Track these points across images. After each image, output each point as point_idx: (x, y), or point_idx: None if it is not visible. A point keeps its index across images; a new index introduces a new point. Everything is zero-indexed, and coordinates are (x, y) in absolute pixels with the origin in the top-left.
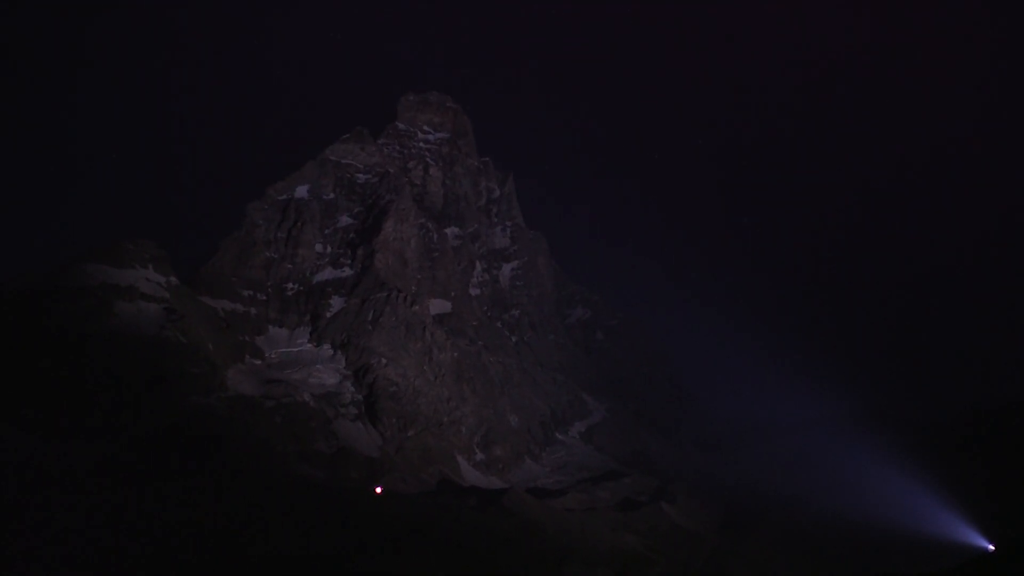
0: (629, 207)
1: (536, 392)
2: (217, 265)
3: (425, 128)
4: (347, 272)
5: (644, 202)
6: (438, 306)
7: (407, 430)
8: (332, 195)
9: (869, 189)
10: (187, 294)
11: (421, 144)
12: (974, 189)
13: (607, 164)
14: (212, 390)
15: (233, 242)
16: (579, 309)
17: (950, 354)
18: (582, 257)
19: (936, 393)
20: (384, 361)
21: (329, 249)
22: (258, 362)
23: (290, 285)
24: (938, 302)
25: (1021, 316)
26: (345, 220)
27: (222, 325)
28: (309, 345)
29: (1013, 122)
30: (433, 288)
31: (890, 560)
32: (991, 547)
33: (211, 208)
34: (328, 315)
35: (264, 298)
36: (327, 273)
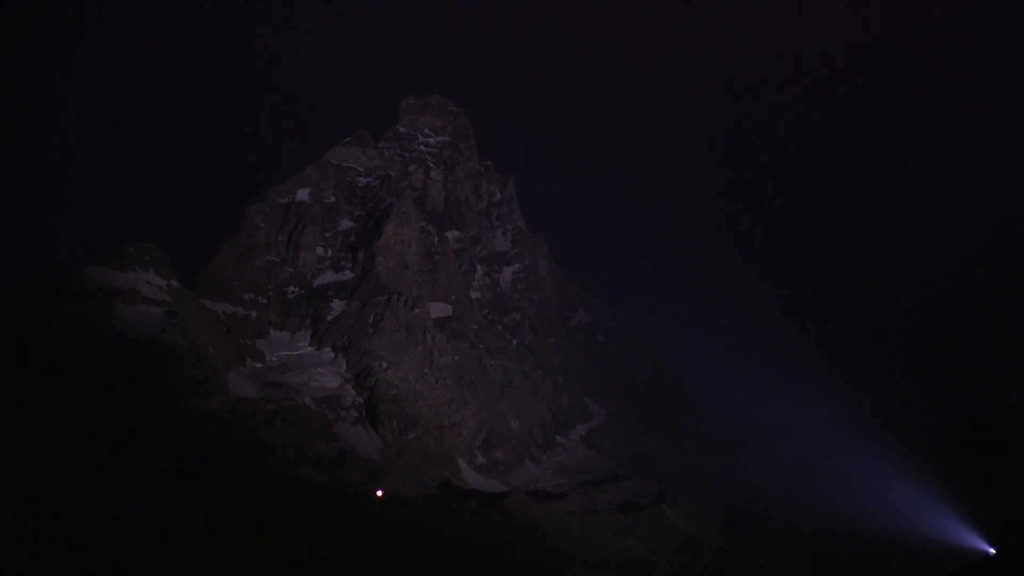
0: (630, 210)
1: (537, 395)
2: (218, 268)
3: (426, 131)
4: (348, 275)
5: (645, 205)
6: (439, 309)
7: (408, 433)
8: (333, 198)
9: (871, 193)
10: (188, 297)
11: (422, 147)
12: (976, 194)
13: (608, 167)
14: (213, 393)
15: (234, 245)
16: (580, 312)
17: (951, 357)
18: (583, 260)
19: (937, 396)
20: (385, 364)
21: (330, 252)
22: (259, 365)
23: (291, 288)
24: (939, 305)
25: (1022, 319)
26: (346, 223)
27: (223, 328)
28: (310, 348)
29: (1016, 126)
30: (434, 291)
31: (891, 563)
32: (992, 551)
33: (212, 211)
34: (329, 318)
35: (265, 301)
36: (328, 276)
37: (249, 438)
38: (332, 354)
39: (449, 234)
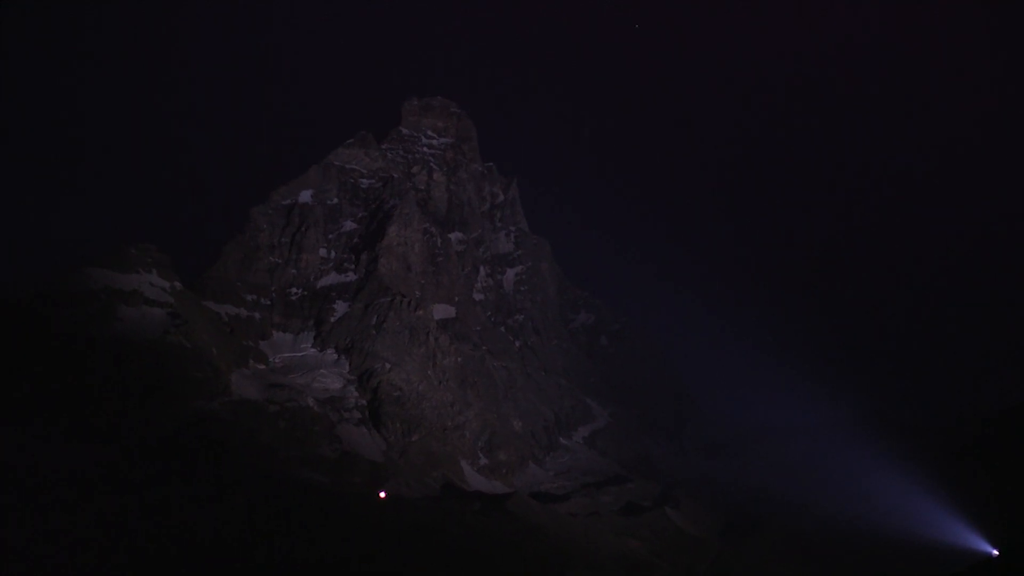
0: (632, 212)
1: (540, 397)
2: (221, 270)
3: (429, 133)
4: (351, 277)
5: (647, 207)
6: (442, 311)
7: (411, 435)
8: (336, 200)
9: (871, 193)
10: (190, 299)
11: (425, 149)
12: (976, 193)
13: (610, 169)
14: (216, 395)
15: (237, 247)
16: (583, 314)
17: (953, 358)
18: (585, 262)
19: (939, 397)
20: (388, 366)
21: (333, 254)
22: (262, 367)
23: (294, 290)
24: (940, 306)
25: (1022, 319)
26: (349, 225)
27: (226, 330)
28: (313, 350)
29: (1016, 126)
30: (437, 293)
31: (893, 565)
32: (995, 552)
33: (214, 212)
34: (332, 320)
35: (268, 303)
36: (331, 278)
37: (251, 439)
38: (335, 355)
39: (452, 236)
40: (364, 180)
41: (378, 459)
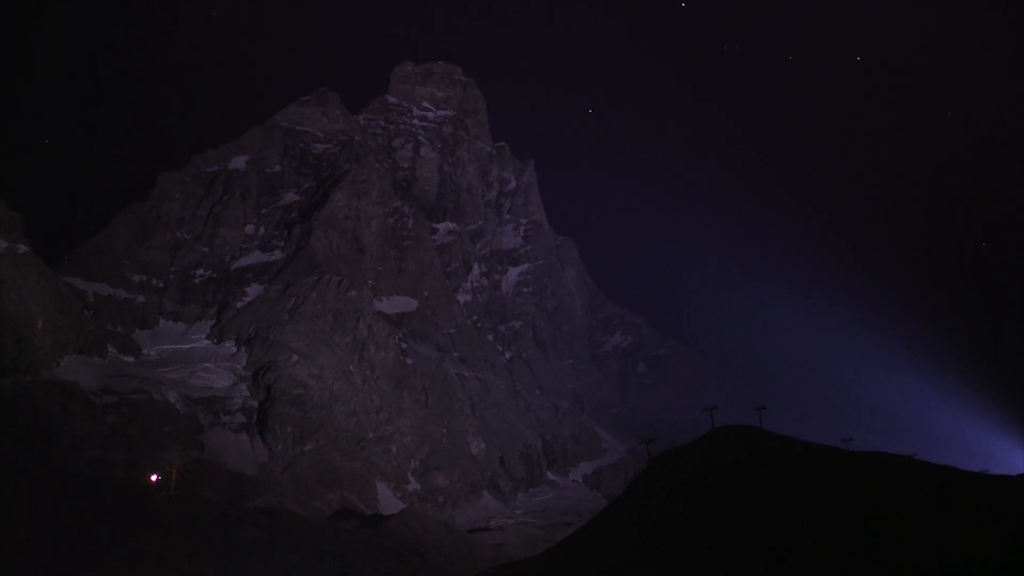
0: (688, 212)
1: (525, 419)
2: (103, 243)
3: (424, 104)
4: (277, 256)
5: (709, 206)
6: (400, 304)
7: (304, 443)
8: (278, 167)
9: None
10: (34, 267)
11: (415, 121)
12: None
13: (663, 157)
14: (9, 371)
15: (130, 217)
16: (617, 336)
17: None
18: (625, 272)
19: None
20: (295, 358)
21: (263, 230)
22: (129, 359)
23: (200, 271)
24: None
25: None
26: (290, 197)
27: (81, 309)
28: (207, 341)
29: None
30: (398, 282)
31: None
32: None
33: (124, 178)
34: (239, 305)
35: (161, 285)
36: (252, 257)
37: (35, 425)
38: (233, 348)
39: (441, 225)
40: (318, 145)
41: (249, 472)
